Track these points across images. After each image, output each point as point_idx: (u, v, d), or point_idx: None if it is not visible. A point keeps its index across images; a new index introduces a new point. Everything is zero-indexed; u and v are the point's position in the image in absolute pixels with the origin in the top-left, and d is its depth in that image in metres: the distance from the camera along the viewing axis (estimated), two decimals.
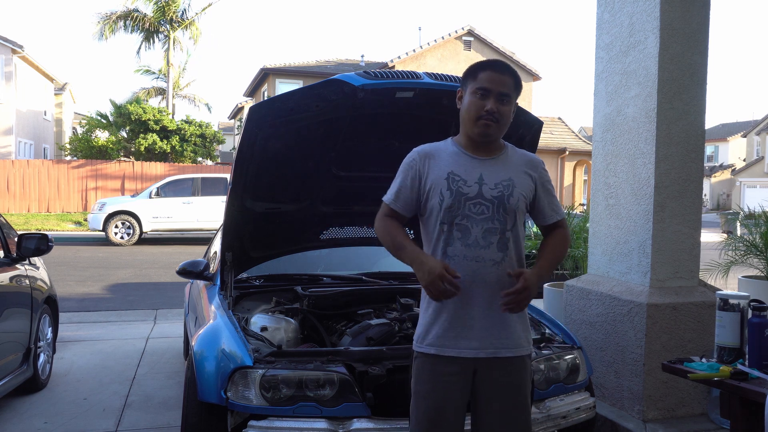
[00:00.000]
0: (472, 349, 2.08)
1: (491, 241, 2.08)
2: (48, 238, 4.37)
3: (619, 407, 3.62)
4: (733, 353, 2.40)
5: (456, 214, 2.09)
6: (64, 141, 30.70)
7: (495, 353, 2.09)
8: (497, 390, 2.11)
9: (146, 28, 27.46)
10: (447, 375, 2.09)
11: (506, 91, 2.10)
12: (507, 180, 2.13)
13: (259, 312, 3.39)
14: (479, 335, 2.08)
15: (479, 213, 2.08)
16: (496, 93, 2.08)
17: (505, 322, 2.11)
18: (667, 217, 3.56)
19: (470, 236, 2.08)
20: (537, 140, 3.39)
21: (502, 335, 2.10)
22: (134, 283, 9.69)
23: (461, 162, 2.14)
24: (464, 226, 2.08)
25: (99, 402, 4.22)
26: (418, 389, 2.14)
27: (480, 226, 2.08)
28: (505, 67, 2.13)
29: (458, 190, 2.09)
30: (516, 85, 2.13)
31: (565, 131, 27.19)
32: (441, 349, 2.10)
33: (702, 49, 3.60)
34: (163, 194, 15.40)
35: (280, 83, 25.57)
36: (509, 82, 2.11)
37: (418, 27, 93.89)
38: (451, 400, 2.10)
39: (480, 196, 2.09)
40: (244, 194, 3.38)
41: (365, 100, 2.97)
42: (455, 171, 2.12)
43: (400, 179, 2.20)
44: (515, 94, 2.14)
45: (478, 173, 2.12)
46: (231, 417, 2.57)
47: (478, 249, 2.07)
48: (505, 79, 2.10)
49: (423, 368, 2.13)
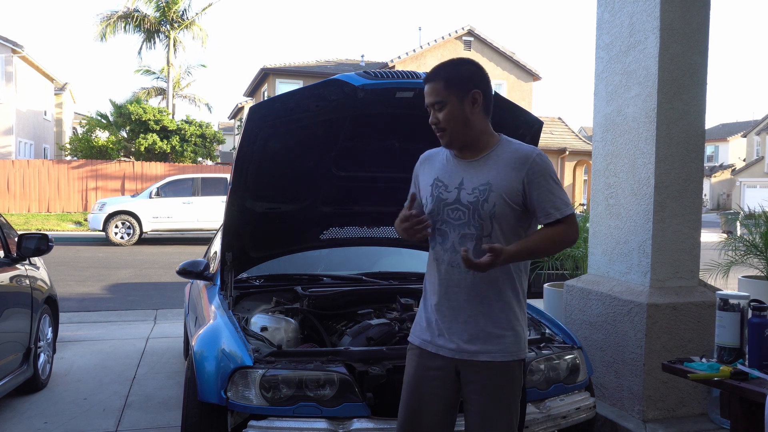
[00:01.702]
0: (449, 350, 2.10)
1: (467, 247, 2.03)
2: (48, 238, 4.37)
3: (619, 407, 3.62)
4: (733, 353, 2.39)
5: (436, 219, 2.12)
6: (64, 141, 30.70)
7: (473, 356, 2.08)
8: (477, 393, 2.10)
9: (147, 29, 27.46)
10: (430, 369, 2.13)
11: (434, 99, 2.09)
12: (484, 184, 2.06)
13: (259, 312, 3.39)
14: (456, 338, 2.09)
15: (456, 218, 2.09)
16: (429, 105, 2.11)
17: (485, 326, 2.08)
18: (667, 217, 3.56)
19: (448, 241, 2.10)
20: (537, 140, 3.39)
21: (479, 339, 2.07)
22: (134, 283, 9.69)
23: (448, 167, 2.16)
24: (443, 230, 2.11)
25: (99, 402, 4.22)
26: (405, 380, 2.21)
27: (457, 232, 2.09)
28: (430, 76, 2.12)
29: (438, 196, 2.12)
30: (448, 84, 2.06)
31: (565, 131, 27.17)
32: (423, 343, 2.16)
33: (702, 49, 3.60)
34: (163, 194, 15.40)
35: (280, 83, 25.58)
36: (436, 87, 2.08)
37: (418, 27, 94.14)
38: (432, 395, 2.13)
39: (457, 201, 2.09)
40: (244, 194, 3.38)
41: (365, 100, 2.96)
42: (440, 177, 2.15)
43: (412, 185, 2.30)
44: (449, 92, 2.06)
45: (460, 178, 2.11)
46: (231, 417, 2.58)
47: (455, 254, 2.07)
48: (431, 87, 2.10)
49: (410, 359, 2.21)
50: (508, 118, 3.13)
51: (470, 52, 25.43)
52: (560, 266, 5.91)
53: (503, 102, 3.00)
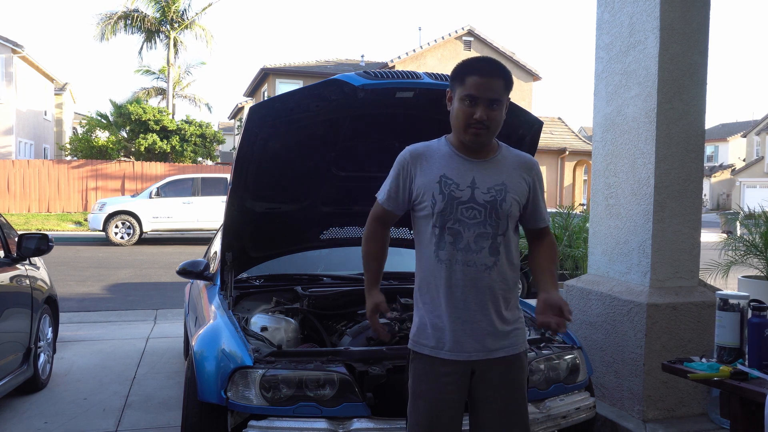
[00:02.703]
0: (467, 353, 2.06)
1: (483, 246, 2.05)
2: (48, 238, 4.37)
3: (619, 407, 3.62)
4: (733, 353, 2.39)
5: (448, 218, 2.05)
6: (64, 141, 30.70)
7: (490, 355, 2.08)
8: (496, 390, 2.10)
9: (147, 29, 27.46)
10: (444, 375, 2.08)
11: (495, 96, 2.01)
12: (500, 184, 2.07)
13: (259, 312, 3.39)
14: (474, 338, 2.06)
15: (472, 217, 2.05)
16: (485, 100, 2.00)
17: (499, 323, 2.09)
18: (667, 217, 3.56)
19: (462, 240, 2.05)
20: (537, 140, 3.39)
21: (496, 336, 2.08)
22: (134, 283, 9.69)
23: (454, 164, 2.09)
24: (456, 230, 2.05)
25: (99, 402, 4.22)
26: (416, 389, 2.12)
27: (472, 231, 2.04)
28: (492, 70, 2.03)
29: (450, 194, 2.05)
30: (506, 85, 2.04)
31: (565, 131, 27.17)
32: (435, 351, 2.08)
33: (702, 49, 3.60)
34: (163, 194, 15.40)
35: (280, 83, 25.57)
36: (498, 85, 2.01)
37: (418, 27, 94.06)
38: (448, 401, 2.09)
39: (472, 200, 2.05)
40: (244, 194, 3.38)
41: (365, 100, 2.96)
42: (447, 174, 2.07)
43: (391, 179, 2.18)
44: (506, 94, 2.05)
45: (471, 177, 2.07)
46: (231, 417, 2.58)
47: (470, 253, 2.04)
48: (493, 83, 2.00)
49: (421, 368, 2.11)
50: (508, 118, 3.10)
51: (470, 52, 25.42)
52: (560, 266, 5.91)
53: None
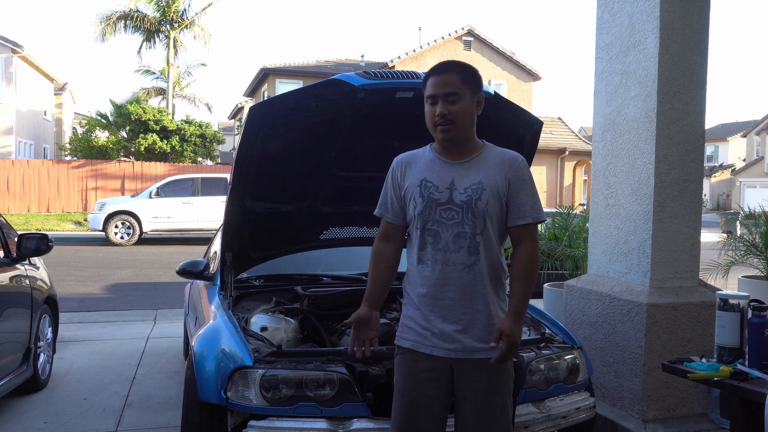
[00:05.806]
0: (445, 350, 2.10)
1: (461, 245, 2.09)
2: (48, 238, 4.37)
3: (619, 407, 3.62)
4: (733, 353, 2.40)
5: (427, 219, 2.11)
6: (64, 141, 30.68)
7: (468, 355, 2.10)
8: (471, 392, 2.11)
9: (147, 29, 27.46)
10: (423, 371, 2.12)
11: (450, 90, 2.07)
12: (476, 183, 2.11)
13: (259, 312, 3.39)
14: (452, 336, 2.10)
15: (450, 218, 2.10)
16: (442, 95, 2.07)
17: (481, 324, 2.11)
18: (667, 217, 3.56)
19: (441, 240, 2.10)
20: (537, 140, 3.39)
21: (476, 337, 2.10)
22: (134, 283, 9.69)
23: (435, 168, 2.16)
24: (435, 231, 2.11)
25: (99, 402, 4.22)
26: (397, 384, 2.19)
27: (451, 231, 2.09)
28: (446, 67, 2.11)
29: (429, 196, 2.11)
30: (464, 78, 2.09)
31: (565, 131, 27.16)
32: (415, 345, 2.14)
33: (702, 49, 3.60)
34: (163, 194, 15.41)
35: (280, 83, 25.57)
36: (453, 79, 2.08)
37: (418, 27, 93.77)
38: (426, 397, 2.12)
39: (450, 201, 2.10)
40: (244, 194, 3.38)
41: (365, 100, 2.96)
42: (428, 177, 2.14)
43: (384, 189, 2.26)
44: (466, 87, 2.09)
45: (450, 178, 2.12)
46: (231, 417, 2.57)
47: (449, 253, 2.09)
48: (447, 78, 2.08)
49: (401, 363, 2.19)
50: (508, 118, 3.13)
51: (470, 52, 25.43)
52: (560, 266, 5.91)
53: (503, 102, 2.99)
